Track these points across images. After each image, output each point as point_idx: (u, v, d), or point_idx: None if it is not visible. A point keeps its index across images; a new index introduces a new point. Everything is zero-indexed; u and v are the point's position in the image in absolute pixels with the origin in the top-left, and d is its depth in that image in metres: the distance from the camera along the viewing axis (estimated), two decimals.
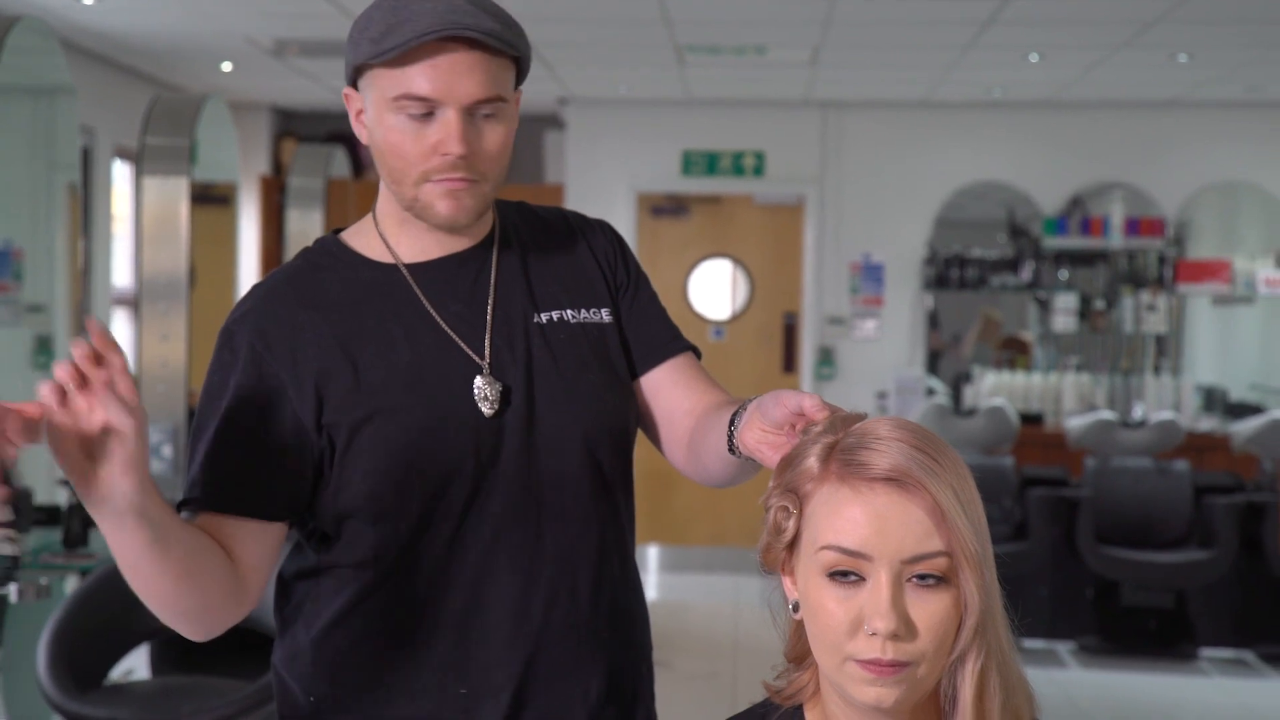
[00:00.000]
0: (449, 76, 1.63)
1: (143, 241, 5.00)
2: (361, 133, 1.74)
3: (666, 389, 1.82)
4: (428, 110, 1.64)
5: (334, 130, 8.89)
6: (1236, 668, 6.31)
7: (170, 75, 7.86)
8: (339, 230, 1.84)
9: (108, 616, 3.69)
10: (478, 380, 1.69)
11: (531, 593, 1.69)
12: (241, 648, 3.98)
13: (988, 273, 8.49)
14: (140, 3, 6.15)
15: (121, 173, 7.55)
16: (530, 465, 1.69)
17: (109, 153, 7.27)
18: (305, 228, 7.00)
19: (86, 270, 6.95)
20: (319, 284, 1.73)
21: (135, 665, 4.73)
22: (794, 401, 1.46)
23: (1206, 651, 6.47)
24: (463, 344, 1.71)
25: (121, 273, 7.51)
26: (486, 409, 1.68)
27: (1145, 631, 6.46)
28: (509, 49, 1.66)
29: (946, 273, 8.50)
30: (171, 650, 4.05)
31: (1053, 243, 8.41)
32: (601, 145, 8.61)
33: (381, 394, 1.67)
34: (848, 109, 8.62)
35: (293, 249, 7.04)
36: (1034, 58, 7.11)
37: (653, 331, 1.84)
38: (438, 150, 1.65)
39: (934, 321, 8.65)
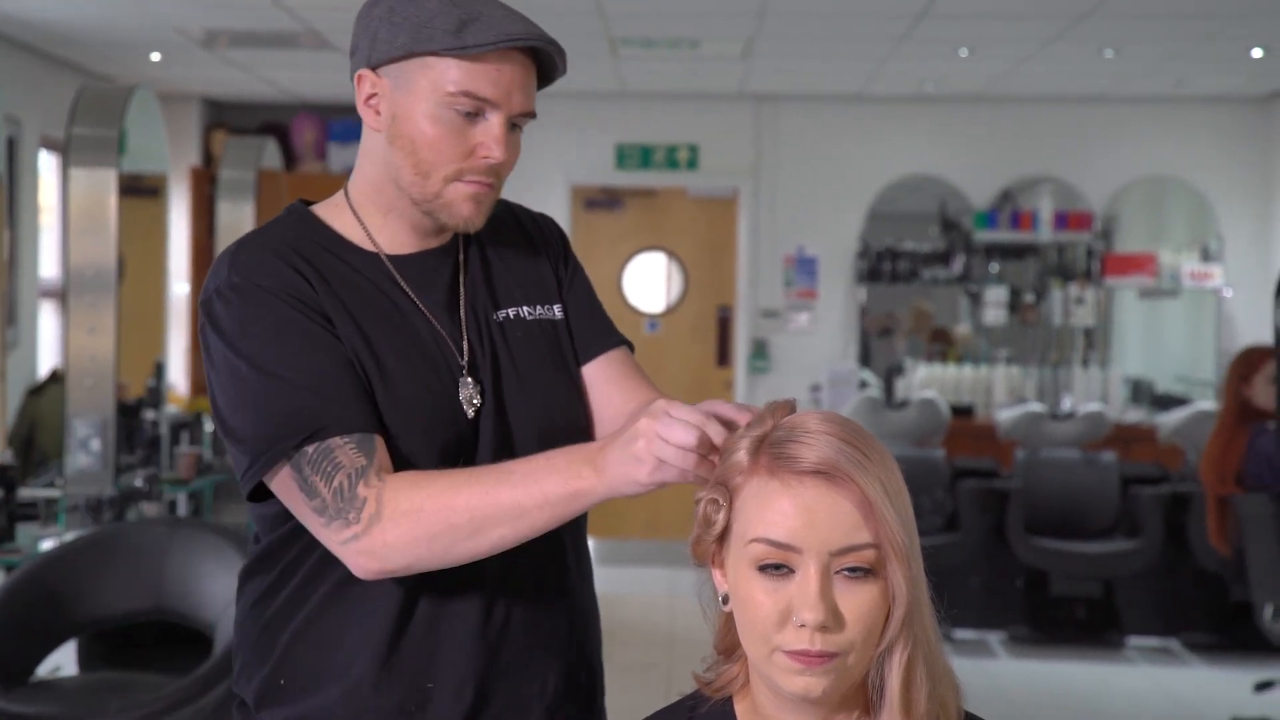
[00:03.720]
0: (510, 84, 1.65)
1: (70, 233, 4.92)
2: (373, 119, 1.68)
3: (599, 384, 1.82)
4: (477, 110, 1.64)
5: (265, 121, 8.82)
6: (1162, 656, 6.41)
7: (98, 65, 7.76)
8: (307, 203, 1.78)
9: (34, 612, 3.65)
10: (462, 382, 1.69)
11: (499, 592, 1.69)
12: (170, 643, 3.96)
13: (919, 266, 8.56)
14: None
15: (48, 163, 7.45)
16: None
17: (35, 143, 7.17)
18: (236, 220, 6.93)
19: (12, 262, 6.85)
20: (314, 254, 1.68)
21: (63, 661, 4.68)
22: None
23: (1133, 640, 6.56)
24: (450, 341, 1.70)
25: (48, 265, 7.41)
26: (470, 412, 1.68)
27: (1073, 621, 6.55)
28: (562, 70, 1.71)
29: (879, 266, 8.57)
30: (100, 646, 4.01)
31: (983, 236, 8.50)
32: (535, 138, 8.54)
33: (390, 373, 1.65)
34: (781, 102, 8.66)
35: (224, 241, 6.96)
36: (964, 52, 7.17)
37: (588, 325, 1.84)
38: (478, 152, 1.65)
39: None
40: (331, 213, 1.75)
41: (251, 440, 1.60)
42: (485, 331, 1.73)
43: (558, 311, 1.80)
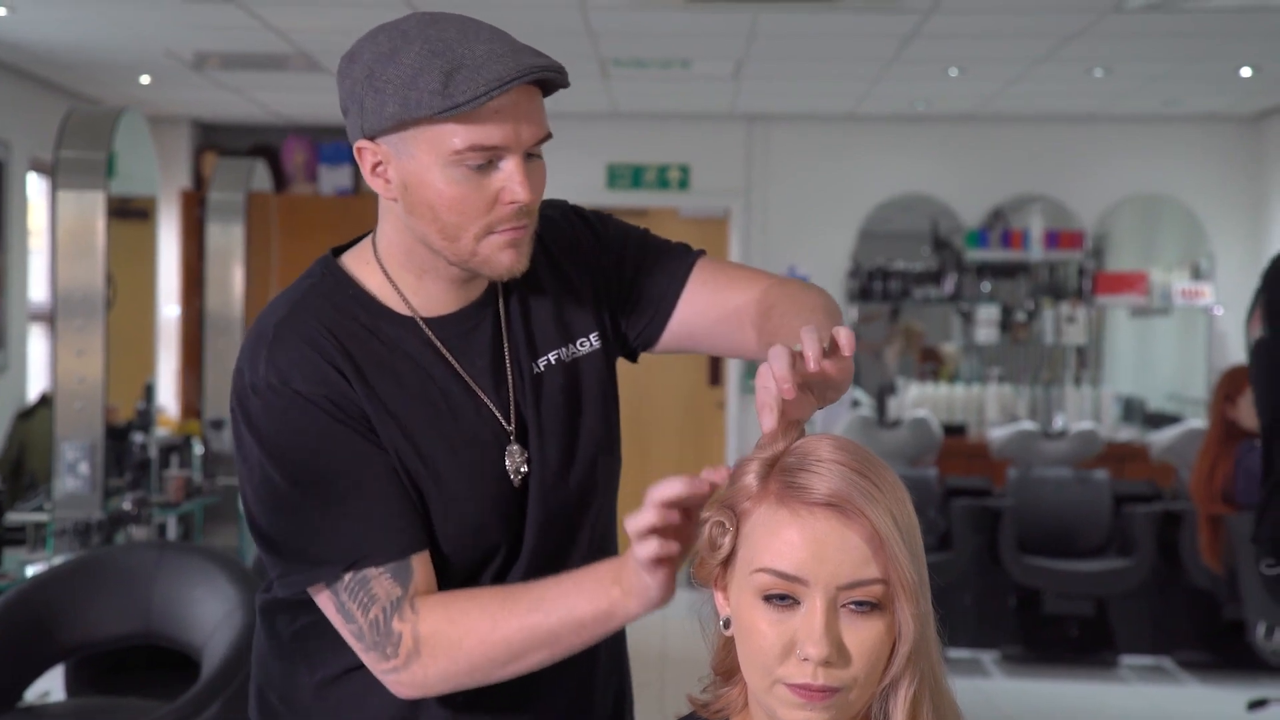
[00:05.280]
0: (515, 122, 1.53)
1: (59, 256, 4.90)
2: (383, 188, 1.58)
3: (699, 314, 1.76)
4: (489, 159, 1.53)
5: (256, 143, 8.81)
6: (1155, 674, 6.39)
7: (87, 88, 7.75)
8: (338, 251, 1.69)
9: (22, 637, 3.62)
10: (509, 451, 1.63)
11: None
12: (159, 668, 3.93)
13: (911, 285, 8.56)
14: (56, 14, 6.06)
15: (37, 186, 7.43)
16: (548, 529, 1.65)
17: (24, 166, 7.16)
18: (226, 242, 6.91)
19: (1, 285, 6.83)
20: (352, 335, 1.60)
21: (51, 686, 4.65)
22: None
23: (1126, 659, 6.55)
24: (495, 410, 1.63)
25: (37, 287, 7.39)
26: (517, 480, 1.63)
27: (1066, 639, 6.53)
28: (565, 83, 1.59)
29: (870, 285, 8.57)
30: (88, 670, 3.98)
31: (974, 255, 8.50)
32: None
33: (437, 470, 1.59)
34: (772, 122, 8.67)
35: (213, 263, 6.94)
36: (954, 72, 7.18)
37: (658, 273, 1.77)
38: (502, 199, 1.55)
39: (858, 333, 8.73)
40: (363, 270, 1.66)
41: (285, 555, 1.57)
42: (529, 389, 1.66)
43: (594, 340, 1.72)
